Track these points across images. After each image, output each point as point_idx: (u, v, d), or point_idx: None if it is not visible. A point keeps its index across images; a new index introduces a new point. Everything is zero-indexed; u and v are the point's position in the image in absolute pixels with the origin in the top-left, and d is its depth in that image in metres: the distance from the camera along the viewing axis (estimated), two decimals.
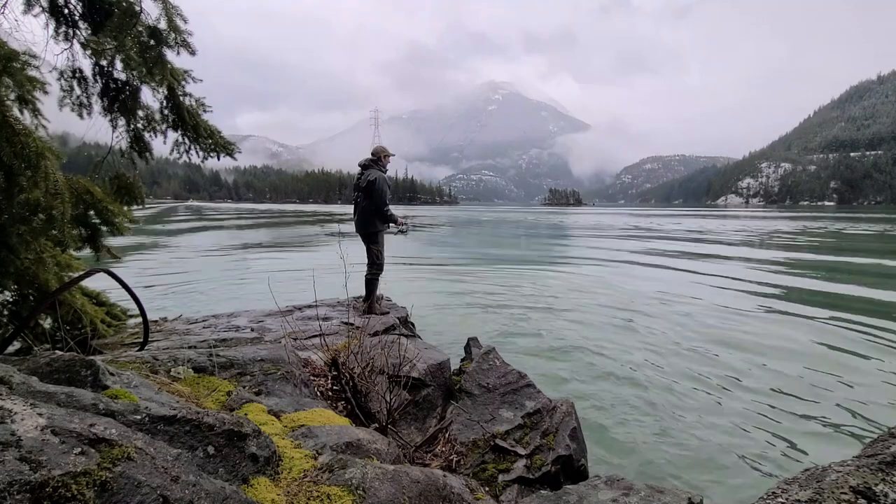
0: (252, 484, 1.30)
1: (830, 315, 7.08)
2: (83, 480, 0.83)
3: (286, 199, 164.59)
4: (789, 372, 4.88)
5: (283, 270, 11.98)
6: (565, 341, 5.89)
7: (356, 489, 1.34)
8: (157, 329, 3.94)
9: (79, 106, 3.67)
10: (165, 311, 6.05)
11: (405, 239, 7.97)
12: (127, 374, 1.61)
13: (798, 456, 3.40)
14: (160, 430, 1.22)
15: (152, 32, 3.43)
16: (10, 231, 2.67)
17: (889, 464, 1.38)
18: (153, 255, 14.24)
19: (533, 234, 26.61)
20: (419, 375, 3.11)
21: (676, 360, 5.24)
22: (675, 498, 1.80)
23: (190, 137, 4.01)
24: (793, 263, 13.09)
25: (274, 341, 3.35)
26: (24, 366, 1.42)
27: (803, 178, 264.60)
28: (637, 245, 18.76)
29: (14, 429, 0.86)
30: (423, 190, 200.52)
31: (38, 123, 2.88)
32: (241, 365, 2.34)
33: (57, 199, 2.55)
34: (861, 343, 5.78)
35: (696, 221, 29.98)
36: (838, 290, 9.22)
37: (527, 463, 2.52)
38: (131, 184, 3.80)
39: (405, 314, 4.97)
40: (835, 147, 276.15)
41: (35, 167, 2.42)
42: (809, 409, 4.08)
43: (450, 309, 7.68)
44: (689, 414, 4.03)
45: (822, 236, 22.89)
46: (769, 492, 1.43)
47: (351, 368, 2.72)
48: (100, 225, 3.47)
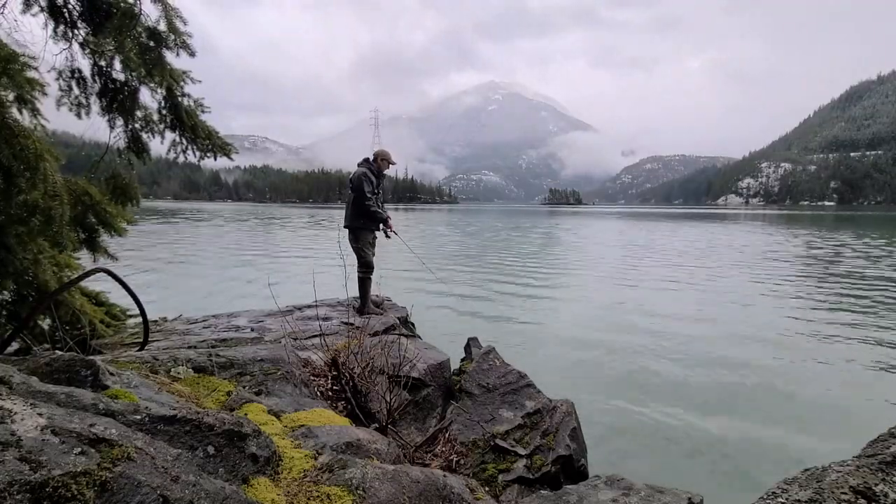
0: (252, 484, 1.30)
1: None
2: (83, 480, 0.83)
3: (286, 199, 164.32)
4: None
5: (283, 270, 11.99)
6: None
7: (356, 489, 1.34)
8: (157, 329, 3.93)
9: (77, 106, 3.66)
10: (165, 311, 6.05)
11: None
12: (127, 374, 1.61)
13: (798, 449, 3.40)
14: (160, 430, 1.22)
15: (152, 34, 3.43)
16: (8, 232, 2.67)
17: (889, 464, 1.38)
18: (153, 256, 14.24)
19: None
20: (419, 375, 3.10)
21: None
22: (675, 498, 1.80)
23: (188, 138, 4.00)
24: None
25: (274, 341, 3.34)
26: (24, 366, 1.42)
27: (803, 178, 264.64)
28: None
29: (14, 429, 0.86)
30: (423, 190, 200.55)
31: (36, 124, 2.87)
32: (241, 365, 2.34)
33: (56, 201, 2.54)
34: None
35: (700, 232, 28.64)
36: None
37: (527, 463, 2.51)
38: (127, 184, 3.80)
39: (405, 314, 4.96)
40: (835, 147, 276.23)
41: (34, 169, 2.42)
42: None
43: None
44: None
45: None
46: (769, 492, 1.43)
47: (351, 368, 2.72)
48: (98, 226, 3.46)
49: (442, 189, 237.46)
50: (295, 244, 19.16)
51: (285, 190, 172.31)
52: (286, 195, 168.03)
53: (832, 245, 19.10)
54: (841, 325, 6.93)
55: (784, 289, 9.84)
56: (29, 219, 2.64)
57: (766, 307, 8.23)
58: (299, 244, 19.10)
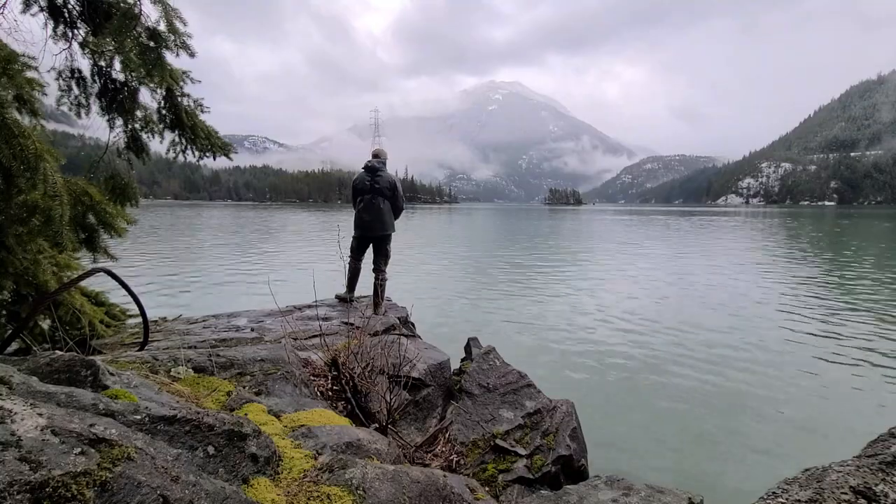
0: (252, 484, 1.30)
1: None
2: (83, 480, 0.83)
3: (286, 199, 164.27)
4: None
5: (282, 271, 11.99)
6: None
7: (356, 489, 1.34)
8: (157, 329, 3.93)
9: (77, 106, 3.67)
10: (165, 311, 6.05)
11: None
12: (127, 374, 1.61)
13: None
14: (160, 430, 1.22)
15: (152, 34, 3.43)
16: (8, 232, 2.66)
17: (889, 464, 1.38)
18: (153, 255, 14.23)
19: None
20: (419, 375, 3.10)
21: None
22: (675, 498, 1.80)
23: (187, 138, 4.00)
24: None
25: (274, 341, 3.34)
26: (24, 366, 1.42)
27: (803, 178, 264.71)
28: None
29: (14, 429, 0.86)
30: (423, 190, 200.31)
31: (36, 124, 2.88)
32: (241, 365, 2.34)
33: (55, 201, 2.54)
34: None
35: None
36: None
37: (527, 463, 2.51)
38: (126, 184, 3.80)
39: (405, 314, 4.96)
40: (835, 147, 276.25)
41: (34, 169, 2.42)
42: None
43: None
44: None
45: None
46: (769, 492, 1.43)
47: (351, 368, 2.72)
48: (97, 226, 3.46)
49: (442, 189, 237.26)
50: (295, 244, 19.17)
51: (285, 190, 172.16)
52: (286, 195, 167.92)
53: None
54: (841, 325, 6.93)
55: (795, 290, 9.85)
56: (29, 219, 2.64)
57: (768, 307, 8.23)
58: (300, 244, 19.11)
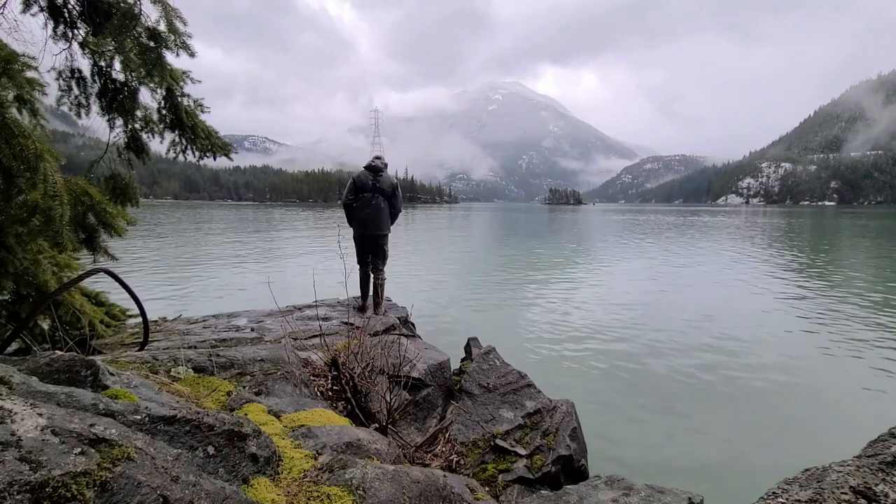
0: (252, 484, 1.30)
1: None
2: (83, 480, 0.83)
3: (286, 198, 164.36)
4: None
5: (282, 270, 11.98)
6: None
7: (356, 489, 1.34)
8: (157, 329, 3.93)
9: (77, 106, 3.66)
10: (165, 311, 6.05)
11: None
12: (127, 374, 1.61)
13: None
14: (160, 430, 1.22)
15: (152, 34, 3.43)
16: (8, 232, 2.66)
17: (889, 464, 1.38)
18: (153, 255, 14.23)
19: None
20: (419, 375, 3.10)
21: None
22: (675, 498, 1.80)
23: (188, 138, 4.00)
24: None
25: (274, 341, 3.34)
26: (24, 366, 1.42)
27: (803, 178, 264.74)
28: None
29: (14, 429, 0.86)
30: (424, 190, 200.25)
31: (36, 124, 2.87)
32: (241, 365, 2.34)
33: (55, 201, 2.54)
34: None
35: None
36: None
37: (527, 463, 2.51)
38: (126, 184, 3.79)
39: (405, 314, 4.97)
40: (835, 147, 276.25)
41: (34, 169, 2.41)
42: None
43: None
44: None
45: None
46: (769, 492, 1.43)
47: (351, 368, 2.72)
48: (98, 226, 3.46)
49: (442, 189, 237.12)
50: (295, 244, 19.16)
51: (285, 190, 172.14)
52: (286, 195, 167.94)
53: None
54: (841, 323, 6.93)
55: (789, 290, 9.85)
56: (29, 219, 2.64)
57: (769, 307, 8.23)
58: (300, 243, 19.10)
